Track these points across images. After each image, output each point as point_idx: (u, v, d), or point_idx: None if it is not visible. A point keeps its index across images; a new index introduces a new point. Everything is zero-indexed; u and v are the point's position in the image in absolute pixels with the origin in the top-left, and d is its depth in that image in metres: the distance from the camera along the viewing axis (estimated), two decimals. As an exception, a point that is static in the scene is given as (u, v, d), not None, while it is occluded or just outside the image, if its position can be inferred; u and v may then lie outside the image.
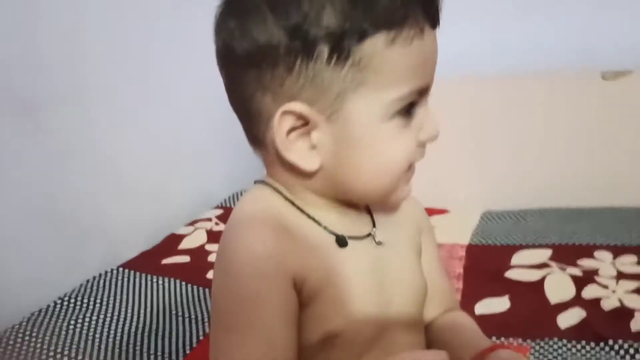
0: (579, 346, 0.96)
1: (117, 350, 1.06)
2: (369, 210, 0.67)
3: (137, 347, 1.07)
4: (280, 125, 0.56)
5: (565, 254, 1.28)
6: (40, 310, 1.16)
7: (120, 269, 1.35)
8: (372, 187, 0.59)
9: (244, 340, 0.55)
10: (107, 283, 1.29)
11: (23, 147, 1.24)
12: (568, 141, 1.59)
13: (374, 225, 0.66)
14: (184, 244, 1.48)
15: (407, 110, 0.57)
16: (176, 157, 1.65)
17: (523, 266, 1.24)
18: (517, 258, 1.29)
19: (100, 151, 1.42)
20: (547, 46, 1.61)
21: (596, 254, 1.27)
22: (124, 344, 1.08)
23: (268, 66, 0.55)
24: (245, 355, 0.55)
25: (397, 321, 0.64)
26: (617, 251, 1.27)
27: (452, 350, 0.65)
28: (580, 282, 1.15)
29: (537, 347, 0.97)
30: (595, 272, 1.19)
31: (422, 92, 0.57)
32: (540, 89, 1.62)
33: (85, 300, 1.21)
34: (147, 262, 1.39)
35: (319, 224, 0.61)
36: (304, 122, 0.56)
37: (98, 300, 1.21)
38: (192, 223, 1.60)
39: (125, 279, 1.31)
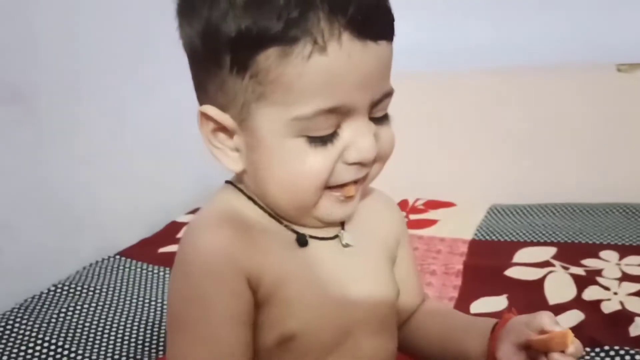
0: (573, 351, 0.93)
1: (107, 340, 1.05)
2: None
3: (128, 337, 1.06)
4: (202, 124, 0.56)
5: (570, 253, 1.24)
6: (33, 298, 1.17)
7: (117, 257, 1.35)
8: (284, 201, 0.57)
9: (192, 341, 0.54)
10: (103, 271, 1.29)
11: (16, 134, 1.24)
12: (581, 135, 1.55)
13: (342, 227, 0.64)
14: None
15: (327, 138, 0.53)
16: (178, 143, 1.63)
17: (525, 264, 1.21)
18: (520, 255, 1.26)
19: (97, 138, 1.41)
20: (561, 39, 1.56)
21: (602, 253, 1.23)
22: (116, 333, 1.07)
23: (196, 66, 0.56)
24: (196, 357, 0.54)
25: (362, 326, 0.62)
26: (624, 251, 1.23)
27: (450, 334, 0.69)
28: (582, 282, 1.11)
29: (530, 350, 0.94)
30: (598, 272, 1.15)
31: (345, 112, 0.53)
32: (553, 82, 1.57)
33: (79, 288, 1.21)
34: (145, 251, 1.38)
35: (279, 222, 0.59)
36: (223, 126, 0.56)
37: (92, 288, 1.21)
38: (194, 211, 1.59)
39: (121, 267, 1.31)
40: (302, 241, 0.59)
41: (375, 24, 0.52)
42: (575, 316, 1.01)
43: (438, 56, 1.65)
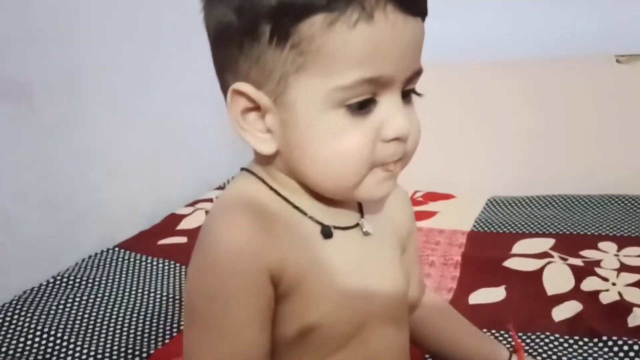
0: (571, 341, 0.93)
1: (106, 332, 1.05)
2: (359, 202, 0.64)
3: (127, 329, 1.06)
4: (232, 105, 0.54)
5: (568, 244, 1.24)
6: (32, 289, 1.17)
7: (116, 249, 1.35)
8: (325, 179, 0.55)
9: (214, 338, 0.54)
10: (102, 263, 1.29)
11: (17, 128, 1.23)
12: (580, 127, 1.55)
13: (362, 216, 0.63)
14: (183, 225, 1.47)
15: (362, 102, 0.52)
16: (178, 136, 1.64)
17: (523, 255, 1.21)
18: (519, 247, 1.26)
19: (96, 130, 1.41)
20: (560, 31, 1.56)
21: (601, 244, 1.23)
22: (114, 325, 1.07)
23: (227, 45, 0.54)
24: (215, 354, 0.54)
25: (379, 316, 0.62)
26: (623, 242, 1.23)
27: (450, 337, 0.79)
28: (581, 273, 1.11)
29: (529, 341, 0.94)
30: (597, 263, 1.15)
31: (383, 84, 0.52)
32: (553, 73, 1.57)
33: (78, 280, 1.21)
34: (144, 243, 1.38)
35: (304, 213, 0.58)
36: (256, 104, 0.54)
37: (91, 280, 1.21)
38: (193, 203, 1.59)
39: (121, 259, 1.31)
40: (327, 233, 0.58)
41: (415, 0, 0.53)
42: (573, 307, 1.02)
43: (437, 49, 1.64)
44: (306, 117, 0.53)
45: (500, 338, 0.96)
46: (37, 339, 1.02)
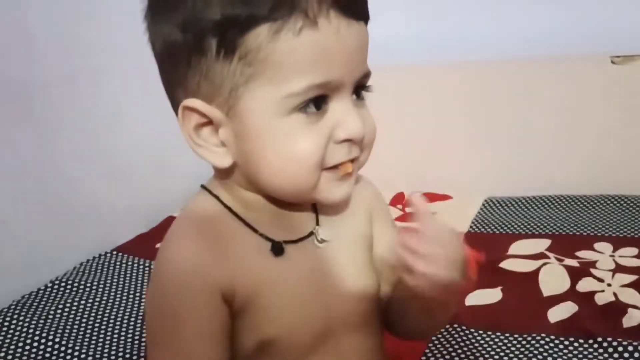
0: (566, 342, 0.93)
1: (104, 336, 1.06)
2: (315, 208, 0.64)
3: (125, 333, 1.07)
4: (185, 122, 0.55)
5: (564, 245, 1.25)
6: (30, 294, 1.17)
7: (114, 253, 1.35)
8: (282, 185, 0.56)
9: (166, 355, 0.55)
10: (100, 267, 1.30)
11: (15, 131, 1.24)
12: (575, 127, 1.55)
13: (317, 224, 0.63)
14: (181, 228, 1.47)
15: (316, 106, 0.53)
16: (175, 138, 1.63)
17: (519, 256, 1.22)
18: (515, 248, 1.27)
19: (94, 134, 1.41)
20: (556, 31, 1.56)
21: (596, 245, 1.24)
22: (112, 329, 1.08)
23: (174, 62, 0.55)
24: None
25: (342, 325, 0.61)
26: (618, 242, 1.23)
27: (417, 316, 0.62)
28: (576, 274, 1.12)
29: (524, 342, 0.95)
30: (592, 264, 1.16)
31: (333, 88, 0.53)
32: (548, 74, 1.57)
33: (76, 284, 1.21)
34: (141, 246, 1.39)
35: (255, 230, 0.58)
36: (208, 119, 0.54)
37: (89, 285, 1.22)
38: (190, 206, 1.59)
39: (118, 263, 1.31)
40: (277, 250, 0.58)
41: (356, 4, 0.54)
42: (569, 308, 1.02)
43: (433, 48, 1.65)
44: (259, 126, 0.53)
45: (497, 340, 0.97)
46: (35, 344, 1.02)
